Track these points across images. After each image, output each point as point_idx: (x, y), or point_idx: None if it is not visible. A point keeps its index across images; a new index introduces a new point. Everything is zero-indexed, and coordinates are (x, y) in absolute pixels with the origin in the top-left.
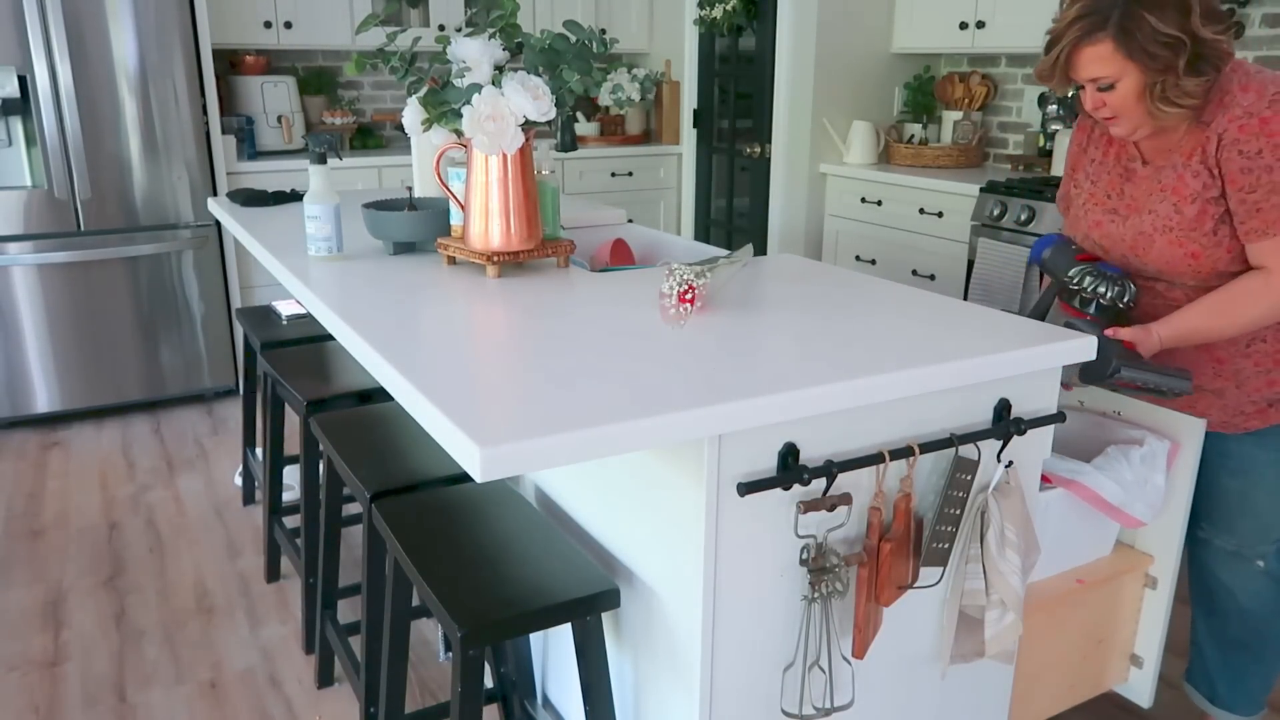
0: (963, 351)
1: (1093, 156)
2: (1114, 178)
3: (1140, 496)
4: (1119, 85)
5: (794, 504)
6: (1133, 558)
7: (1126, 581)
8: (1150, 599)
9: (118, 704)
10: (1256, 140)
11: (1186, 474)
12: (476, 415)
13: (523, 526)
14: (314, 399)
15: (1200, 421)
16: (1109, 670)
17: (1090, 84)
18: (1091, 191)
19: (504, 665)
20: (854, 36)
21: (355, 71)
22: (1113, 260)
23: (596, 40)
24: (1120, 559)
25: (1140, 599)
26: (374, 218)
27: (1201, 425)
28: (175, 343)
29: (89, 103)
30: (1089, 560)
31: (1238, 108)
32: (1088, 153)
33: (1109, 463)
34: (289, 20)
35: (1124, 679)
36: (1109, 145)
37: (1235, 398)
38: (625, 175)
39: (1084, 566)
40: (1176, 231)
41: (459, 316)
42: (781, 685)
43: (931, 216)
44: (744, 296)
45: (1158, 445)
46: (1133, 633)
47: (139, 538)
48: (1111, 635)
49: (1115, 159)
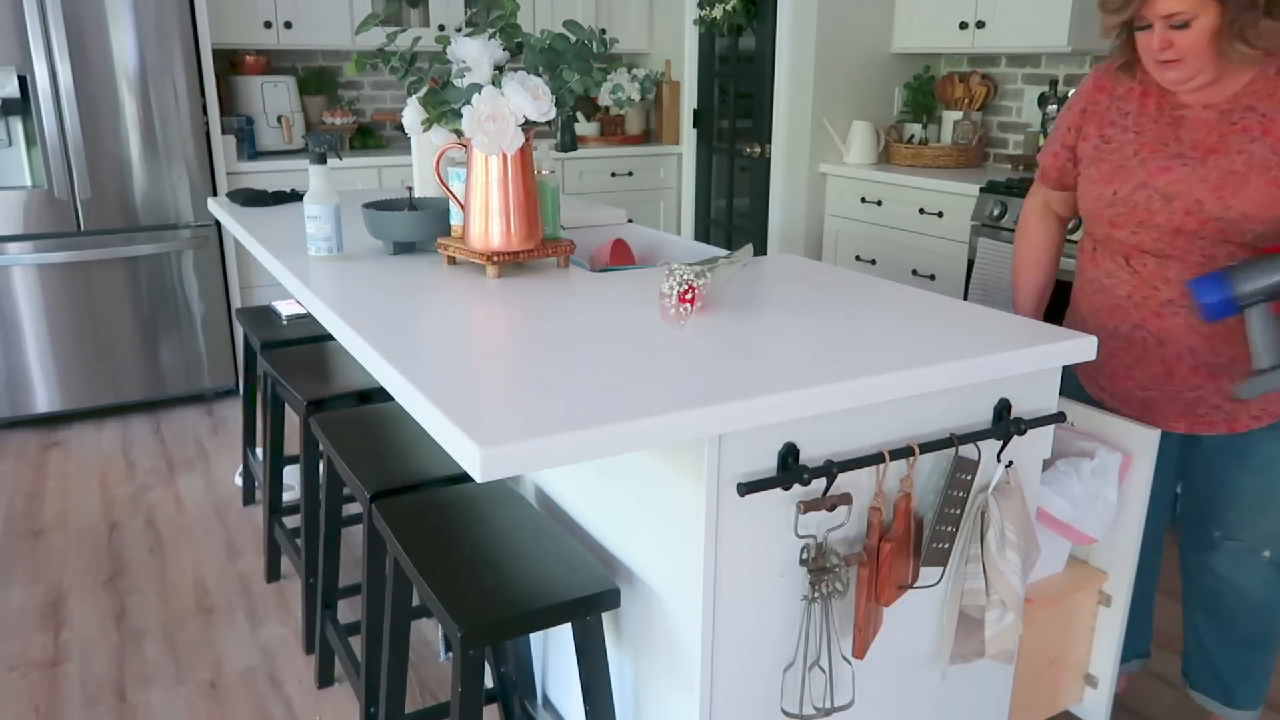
0: (963, 351)
1: (1124, 110)
2: (1163, 126)
3: (1091, 512)
4: (1195, 23)
5: (794, 504)
6: (1086, 574)
7: (1080, 599)
8: (1105, 617)
9: (118, 704)
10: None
11: (1141, 487)
12: (476, 415)
13: (523, 526)
14: (314, 399)
15: (1154, 432)
16: (1063, 690)
17: (1162, 21)
18: (1140, 142)
19: (504, 665)
20: (854, 36)
21: (355, 71)
22: (1178, 209)
23: (596, 40)
24: (1073, 576)
25: (1094, 617)
26: (374, 218)
27: (1155, 436)
28: (175, 343)
29: (89, 103)
30: (1040, 578)
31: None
32: (1113, 110)
33: (1058, 477)
34: (289, 20)
35: (1078, 699)
36: (1145, 97)
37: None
38: (625, 175)
39: (1035, 584)
40: (1276, 170)
41: (459, 316)
42: (781, 685)
43: (931, 216)
44: (744, 296)
45: (1109, 458)
46: (1087, 651)
47: (139, 538)
48: (1065, 655)
49: (1157, 108)
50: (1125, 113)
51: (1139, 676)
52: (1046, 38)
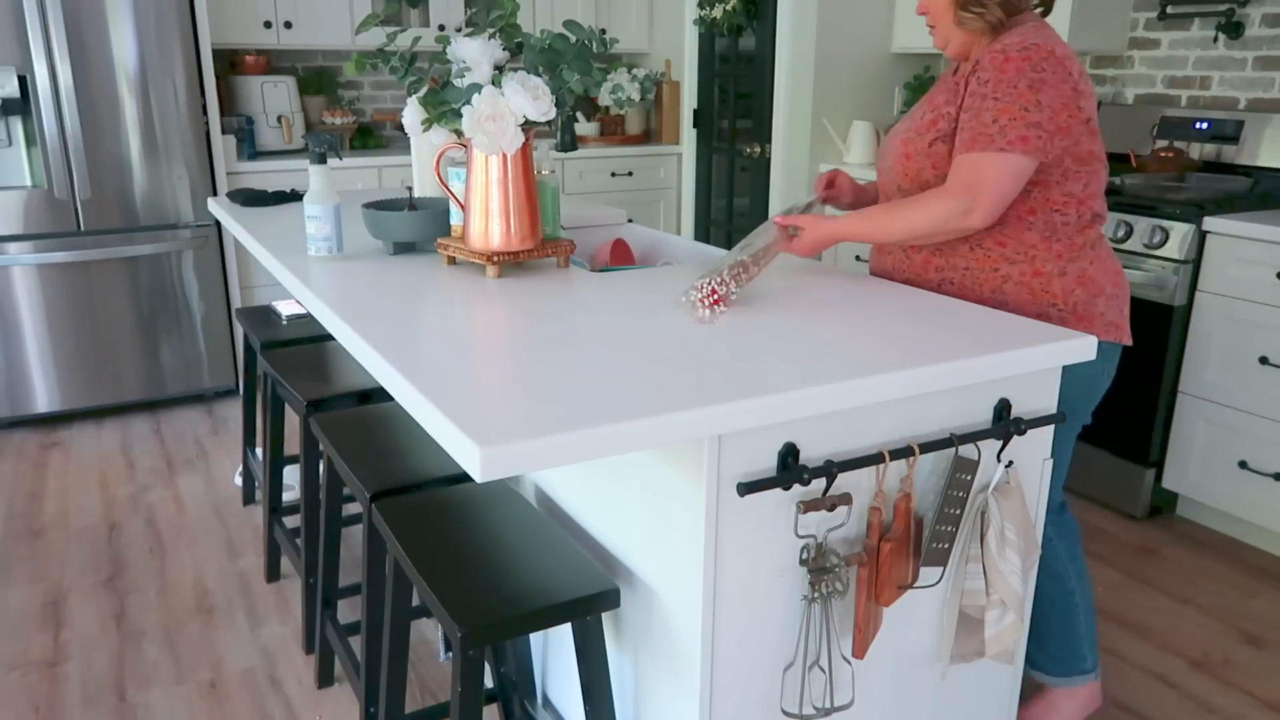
0: (963, 351)
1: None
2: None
3: None
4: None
5: (794, 504)
6: None
7: None
8: None
9: (118, 704)
10: (993, 71)
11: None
12: (476, 415)
13: (523, 526)
14: (314, 399)
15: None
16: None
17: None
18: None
19: (504, 665)
20: (854, 36)
21: (355, 71)
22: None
23: (596, 40)
24: None
25: None
26: (374, 218)
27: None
28: (175, 343)
29: (89, 103)
30: None
31: (999, 44)
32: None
33: None
34: (289, 20)
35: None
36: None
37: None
38: (625, 175)
39: None
40: (906, 134)
41: (459, 316)
42: (781, 685)
43: None
44: (744, 296)
45: None
46: None
47: (139, 538)
48: None
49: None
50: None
51: (1136, 676)
52: None
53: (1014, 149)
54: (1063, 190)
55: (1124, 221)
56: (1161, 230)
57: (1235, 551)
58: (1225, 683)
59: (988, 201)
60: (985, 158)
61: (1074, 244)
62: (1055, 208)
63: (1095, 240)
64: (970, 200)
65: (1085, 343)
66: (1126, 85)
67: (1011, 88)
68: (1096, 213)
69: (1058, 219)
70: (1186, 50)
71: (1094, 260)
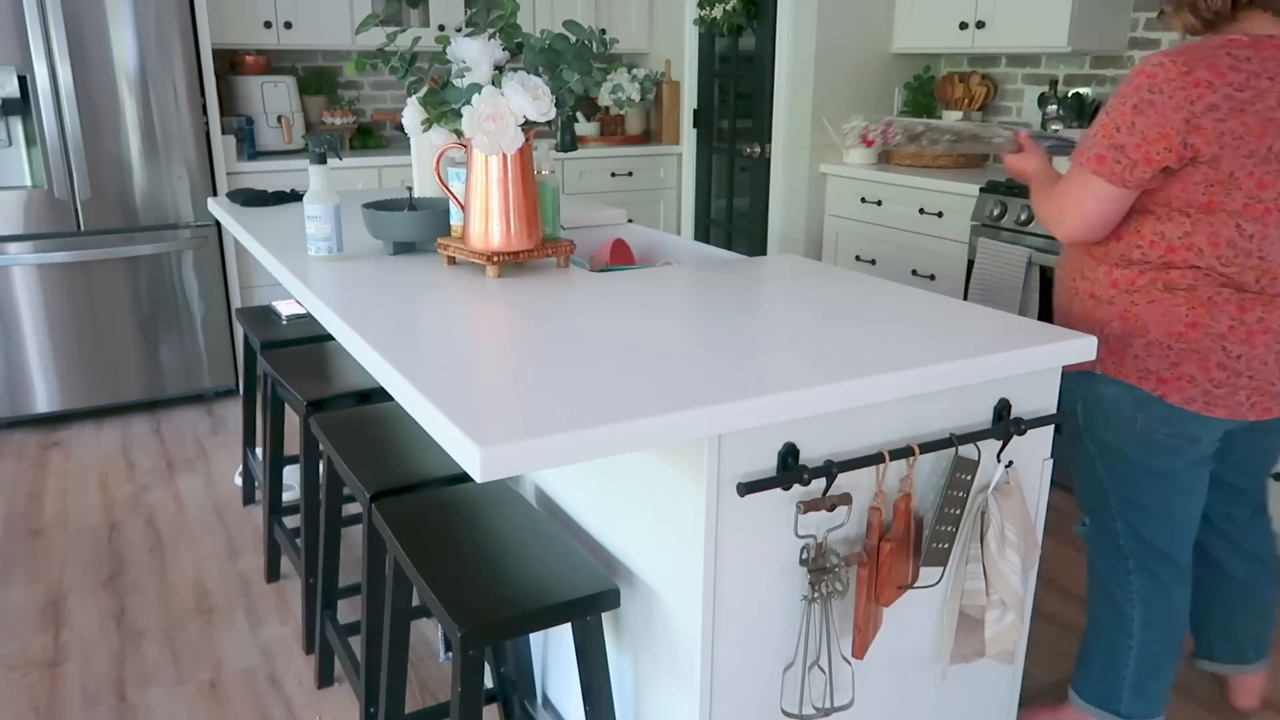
0: (963, 351)
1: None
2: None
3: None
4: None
5: (794, 504)
6: None
7: None
8: None
9: (118, 704)
10: (1124, 81)
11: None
12: (476, 415)
13: (523, 526)
14: (314, 399)
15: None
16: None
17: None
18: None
19: (504, 665)
20: (854, 36)
21: (355, 71)
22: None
23: (596, 40)
24: None
25: None
26: (374, 218)
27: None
28: (175, 343)
29: (89, 103)
30: None
31: (1158, 51)
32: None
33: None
34: (289, 20)
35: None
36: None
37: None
38: (625, 175)
39: None
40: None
41: (459, 316)
42: (781, 685)
43: (931, 216)
44: (744, 296)
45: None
46: None
47: (139, 538)
48: None
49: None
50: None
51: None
52: (1046, 38)
53: (1089, 167)
54: (1156, 229)
55: None
56: None
57: None
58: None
59: (1070, 216)
60: (1075, 172)
61: (1134, 280)
62: (1139, 242)
63: (1166, 284)
64: (1059, 211)
65: (1085, 343)
66: None
67: (1121, 103)
68: (1191, 265)
69: (1136, 253)
70: None
71: (1151, 302)
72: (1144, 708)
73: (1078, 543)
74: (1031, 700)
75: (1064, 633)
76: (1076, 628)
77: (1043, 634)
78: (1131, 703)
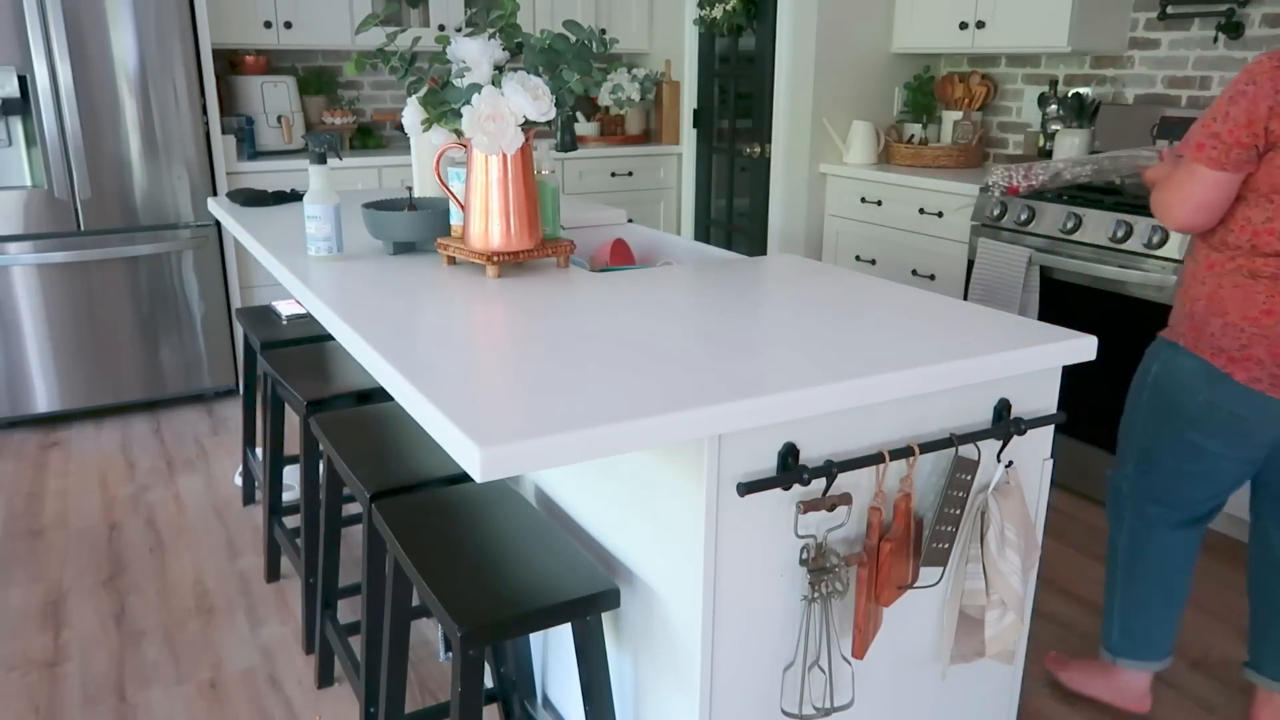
0: (963, 351)
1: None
2: None
3: None
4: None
5: (794, 504)
6: None
7: None
8: None
9: (118, 704)
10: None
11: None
12: (476, 415)
13: (523, 526)
14: (314, 399)
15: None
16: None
17: None
18: None
19: (504, 665)
20: (854, 36)
21: (355, 71)
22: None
23: (596, 40)
24: None
25: None
26: (374, 218)
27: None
28: (175, 343)
29: (89, 103)
30: None
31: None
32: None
33: None
34: (289, 20)
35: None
36: None
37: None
38: (625, 175)
39: None
40: None
41: (459, 316)
42: (781, 685)
43: (931, 216)
44: (744, 296)
45: None
46: None
47: (139, 538)
48: None
49: None
50: None
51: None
52: (1046, 38)
53: (1191, 155)
54: (1244, 214)
55: (1124, 221)
56: (1161, 230)
57: (1236, 551)
58: (1225, 683)
59: (1177, 203)
60: (1181, 163)
61: (1224, 264)
62: (1231, 226)
63: (1251, 271)
64: (1168, 199)
65: (1084, 343)
66: (1126, 85)
67: (1224, 95)
68: (1275, 252)
69: (1230, 237)
70: (1186, 50)
71: (1236, 287)
72: (1132, 648)
73: (1078, 542)
74: (1031, 700)
75: (1064, 633)
76: (1077, 628)
77: (1043, 634)
78: (1120, 640)
